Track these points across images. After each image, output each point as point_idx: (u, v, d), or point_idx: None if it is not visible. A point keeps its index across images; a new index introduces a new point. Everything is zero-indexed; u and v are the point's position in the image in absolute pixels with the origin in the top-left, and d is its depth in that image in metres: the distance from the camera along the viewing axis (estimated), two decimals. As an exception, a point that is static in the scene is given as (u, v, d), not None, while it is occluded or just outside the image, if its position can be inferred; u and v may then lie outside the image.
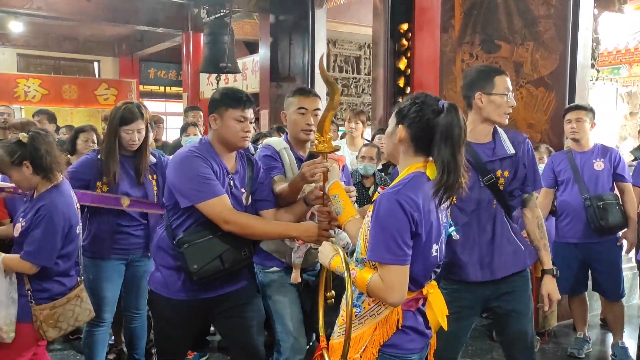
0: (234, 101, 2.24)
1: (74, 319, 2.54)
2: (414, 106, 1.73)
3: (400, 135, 1.75)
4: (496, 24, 4.82)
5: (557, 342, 4.10)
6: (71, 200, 2.51)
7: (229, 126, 2.24)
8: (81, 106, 12.63)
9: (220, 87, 2.41)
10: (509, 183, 2.40)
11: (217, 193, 2.16)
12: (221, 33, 7.70)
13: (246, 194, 2.33)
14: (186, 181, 2.18)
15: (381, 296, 1.66)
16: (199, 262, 2.15)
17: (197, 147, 2.28)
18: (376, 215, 1.66)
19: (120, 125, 2.86)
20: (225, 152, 2.30)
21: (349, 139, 4.89)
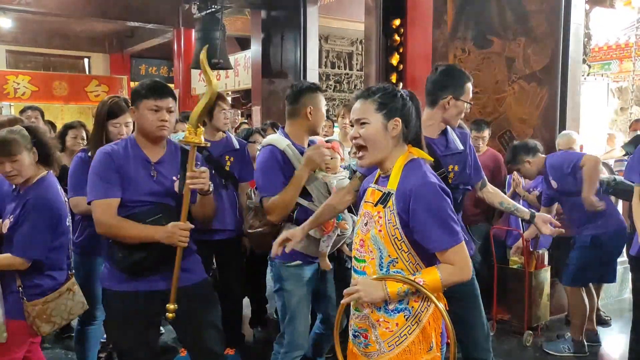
0: (148, 91, 2.26)
1: (67, 313, 2.52)
2: (401, 99, 1.79)
3: (397, 128, 1.77)
4: (488, 19, 4.82)
5: (549, 337, 4.12)
6: (59, 193, 2.49)
7: (144, 116, 2.25)
8: (71, 103, 12.55)
9: (142, 80, 2.42)
10: (456, 177, 2.55)
11: (102, 195, 2.19)
12: (213, 29, 7.65)
13: (179, 182, 2.30)
14: (89, 177, 2.25)
15: (457, 279, 1.71)
16: (124, 251, 2.18)
17: (118, 142, 2.35)
18: (426, 208, 1.67)
19: (107, 119, 2.86)
20: (147, 144, 2.31)
21: (342, 135, 4.87)
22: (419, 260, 1.74)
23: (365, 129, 1.77)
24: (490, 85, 4.82)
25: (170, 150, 2.40)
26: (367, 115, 1.78)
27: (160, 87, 2.30)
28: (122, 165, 2.24)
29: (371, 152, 1.79)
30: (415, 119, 1.82)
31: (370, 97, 1.79)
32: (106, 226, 2.19)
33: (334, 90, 9.94)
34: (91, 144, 2.88)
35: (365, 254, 1.78)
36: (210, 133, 3.52)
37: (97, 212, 2.19)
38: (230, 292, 3.64)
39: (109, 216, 2.18)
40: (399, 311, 1.73)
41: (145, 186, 2.25)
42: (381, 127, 1.76)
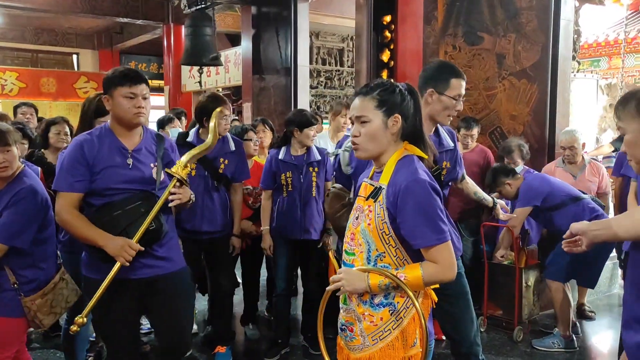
0: (121, 78, 2.26)
1: (65, 302, 2.53)
2: (400, 94, 1.78)
3: (397, 124, 1.77)
4: (479, 16, 4.82)
5: (540, 332, 4.14)
6: (38, 185, 2.47)
7: (120, 104, 2.26)
8: (60, 100, 12.44)
9: (113, 68, 2.44)
10: (447, 174, 2.60)
11: (63, 186, 2.23)
12: (203, 25, 7.59)
13: (156, 169, 2.34)
14: (58, 164, 2.33)
15: (440, 278, 1.71)
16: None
17: (92, 131, 2.37)
18: (414, 204, 1.67)
19: (95, 117, 2.83)
20: (123, 132, 2.32)
21: (333, 132, 4.83)
22: (407, 256, 1.75)
23: (366, 127, 1.77)
24: (480, 82, 4.83)
25: (147, 137, 2.41)
26: (367, 113, 1.77)
27: (134, 73, 2.30)
28: (96, 155, 2.25)
29: (366, 147, 1.79)
30: (413, 112, 1.81)
31: (369, 94, 1.78)
32: (62, 220, 2.24)
33: (324, 87, 9.92)
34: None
35: (355, 247, 1.79)
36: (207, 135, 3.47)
37: (59, 203, 2.25)
38: (219, 290, 3.63)
39: (65, 211, 2.22)
40: (384, 306, 1.74)
41: (121, 174, 2.26)
42: (381, 124, 1.76)
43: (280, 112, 7.28)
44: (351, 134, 1.84)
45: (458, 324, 2.55)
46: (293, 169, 3.58)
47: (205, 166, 3.41)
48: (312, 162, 3.62)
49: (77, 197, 2.24)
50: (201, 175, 3.40)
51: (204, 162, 3.39)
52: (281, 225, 3.61)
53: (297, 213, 3.58)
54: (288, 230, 3.60)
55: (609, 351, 3.96)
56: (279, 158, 3.58)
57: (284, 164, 3.58)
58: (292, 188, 3.57)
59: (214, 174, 3.43)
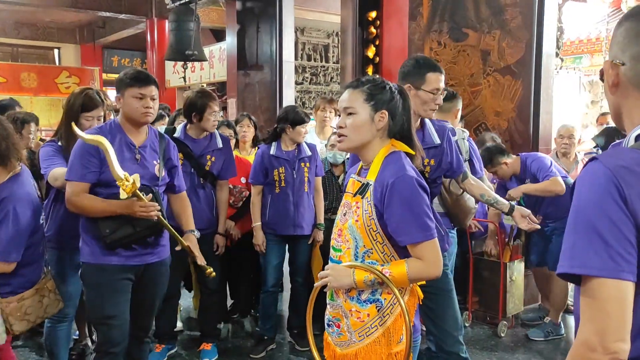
0: (132, 80, 2.46)
1: (43, 311, 2.47)
2: (390, 92, 1.79)
3: (384, 121, 1.77)
4: (463, 12, 4.84)
5: (524, 325, 4.18)
6: (32, 190, 2.43)
7: (129, 104, 2.46)
8: (41, 95, 12.23)
9: (125, 69, 2.60)
10: (433, 171, 2.55)
11: (74, 177, 2.40)
12: (187, 20, 7.53)
13: (158, 166, 2.56)
14: (72, 155, 2.46)
15: (425, 275, 1.72)
16: (111, 227, 2.39)
17: (102, 126, 2.57)
18: (400, 200, 1.67)
19: (81, 112, 2.83)
20: (132, 129, 2.53)
21: (318, 128, 4.84)
22: (394, 252, 1.75)
23: (352, 119, 1.78)
24: (465, 78, 4.85)
25: (151, 136, 2.61)
26: (355, 105, 1.78)
27: (144, 75, 2.50)
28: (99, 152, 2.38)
29: (350, 138, 1.79)
30: (402, 113, 1.81)
31: (359, 87, 1.80)
32: (75, 203, 2.41)
33: (310, 83, 9.91)
34: (63, 135, 2.83)
35: (342, 244, 1.79)
36: (196, 132, 3.45)
37: (69, 191, 2.41)
38: (206, 288, 3.60)
39: (76, 195, 2.40)
40: (371, 302, 1.74)
41: (130, 168, 2.42)
42: (368, 117, 1.77)
43: (266, 108, 7.25)
44: (337, 125, 1.84)
45: (439, 321, 2.55)
46: (285, 165, 3.56)
47: (191, 163, 3.38)
48: (303, 158, 3.62)
49: (86, 187, 2.42)
50: (187, 172, 3.36)
51: (190, 159, 3.36)
52: (273, 221, 3.58)
53: (290, 208, 3.56)
54: (280, 226, 3.58)
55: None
56: (270, 154, 3.56)
57: (277, 159, 3.56)
58: (285, 184, 3.56)
59: (200, 171, 3.40)
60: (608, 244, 0.93)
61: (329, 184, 3.95)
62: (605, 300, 0.93)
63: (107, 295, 2.47)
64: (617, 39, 1.10)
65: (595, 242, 0.94)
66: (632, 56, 1.05)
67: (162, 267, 2.64)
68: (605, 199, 0.94)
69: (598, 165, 0.98)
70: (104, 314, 2.49)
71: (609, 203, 0.94)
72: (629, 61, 1.05)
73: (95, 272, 2.46)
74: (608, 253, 0.92)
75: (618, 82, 1.08)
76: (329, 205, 3.90)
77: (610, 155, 1.01)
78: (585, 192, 0.98)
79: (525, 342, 3.92)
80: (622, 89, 1.07)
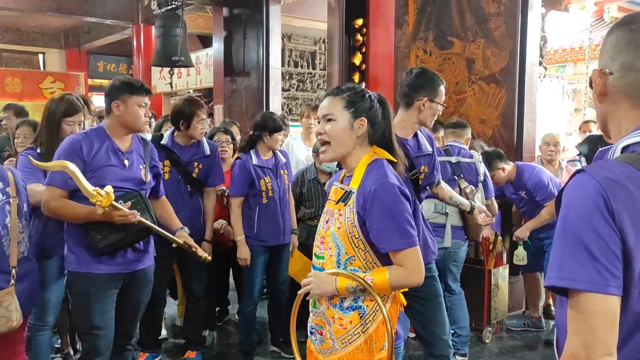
0: (138, 89, 2.51)
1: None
2: (369, 100, 1.81)
3: (363, 128, 1.79)
4: (449, 21, 4.88)
5: (509, 332, 4.21)
6: None
7: (134, 112, 2.50)
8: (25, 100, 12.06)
9: (118, 76, 2.67)
10: (426, 178, 2.66)
11: (56, 183, 2.39)
12: (173, 26, 7.49)
13: (144, 170, 2.59)
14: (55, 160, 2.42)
15: (407, 282, 1.73)
16: (102, 233, 2.38)
17: (87, 131, 2.57)
18: (382, 208, 1.68)
19: (63, 117, 2.85)
20: (120, 135, 2.55)
21: (304, 134, 4.85)
22: (376, 259, 1.75)
23: (331, 125, 1.79)
24: (451, 86, 4.89)
25: (136, 141, 2.64)
26: (334, 112, 1.79)
27: (146, 85, 2.59)
28: (94, 154, 2.43)
29: (334, 148, 1.81)
30: (382, 121, 1.82)
31: (339, 95, 1.81)
32: (53, 208, 2.40)
33: (296, 90, 9.93)
34: (44, 142, 2.81)
35: (325, 251, 1.79)
36: (184, 139, 3.43)
37: (47, 195, 2.41)
38: (191, 296, 3.57)
39: (56, 200, 2.39)
40: (353, 309, 1.75)
41: (118, 173, 2.47)
42: (347, 124, 1.78)
43: (252, 114, 7.25)
44: (316, 132, 1.86)
45: (429, 326, 2.58)
46: (270, 174, 3.53)
47: (178, 170, 3.36)
48: (281, 165, 3.61)
49: (66, 193, 2.40)
50: (174, 179, 3.34)
51: (177, 166, 3.35)
52: (263, 233, 3.51)
53: (279, 218, 3.54)
54: (271, 237, 3.53)
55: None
56: (254, 164, 3.49)
57: (261, 169, 3.51)
58: (272, 193, 3.52)
59: (188, 178, 3.38)
60: (595, 258, 0.93)
61: (315, 191, 3.95)
62: (592, 314, 0.94)
63: (95, 304, 2.46)
64: (606, 48, 1.09)
65: (583, 256, 0.94)
66: (622, 65, 1.05)
67: (147, 273, 2.65)
68: (594, 213, 0.94)
69: (587, 178, 0.97)
70: (92, 323, 2.47)
71: (597, 217, 0.94)
72: (617, 70, 1.05)
73: (83, 281, 2.45)
74: (595, 267, 0.93)
75: (606, 91, 1.08)
76: (314, 212, 3.90)
77: (599, 167, 1.00)
78: (574, 204, 0.97)
79: (510, 349, 3.95)
80: (610, 97, 1.08)
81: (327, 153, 1.82)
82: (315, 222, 3.84)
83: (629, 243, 0.93)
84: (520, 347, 3.96)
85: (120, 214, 2.35)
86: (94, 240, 2.39)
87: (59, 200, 2.40)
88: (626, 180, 0.96)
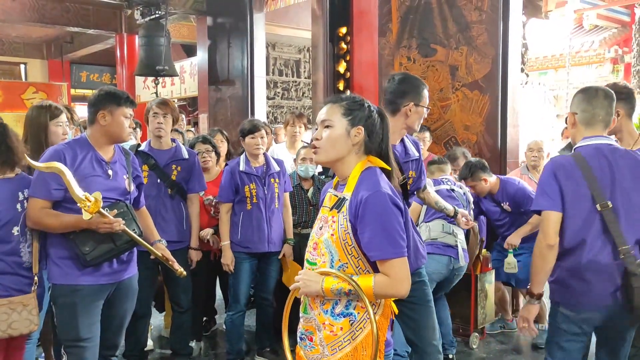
0: (124, 100, 2.53)
1: (7, 325, 2.36)
2: (368, 110, 1.83)
3: (359, 136, 1.80)
4: (432, 29, 4.93)
5: (496, 335, 4.23)
6: (5, 198, 2.38)
7: (120, 122, 2.51)
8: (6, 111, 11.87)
9: (103, 87, 2.69)
10: (413, 183, 2.70)
11: (39, 194, 2.38)
12: (157, 35, 7.48)
13: (128, 180, 2.61)
14: (36, 172, 2.42)
15: (391, 292, 1.72)
16: (90, 245, 2.38)
17: (69, 142, 2.55)
18: (372, 216, 1.68)
19: (50, 120, 2.92)
20: (104, 145, 2.55)
21: (289, 142, 4.86)
22: (369, 267, 1.76)
23: (328, 131, 1.80)
24: (435, 93, 4.93)
25: (118, 151, 2.65)
26: (332, 118, 1.80)
27: (131, 97, 2.60)
28: (78, 164, 2.42)
29: (326, 150, 1.80)
30: (379, 132, 1.83)
31: (338, 102, 1.83)
32: (37, 219, 2.38)
33: (281, 98, 9.93)
34: (30, 149, 2.78)
35: (317, 257, 1.79)
36: (155, 140, 3.43)
37: (32, 207, 2.39)
38: (177, 306, 3.54)
39: (39, 211, 2.38)
40: (344, 316, 1.74)
41: (103, 183, 2.47)
42: (344, 131, 1.79)
43: (237, 123, 7.22)
44: (313, 137, 1.86)
45: (419, 331, 2.59)
46: (256, 181, 3.53)
47: (157, 173, 3.34)
48: (272, 174, 3.59)
49: (50, 204, 2.40)
50: (154, 183, 3.33)
51: (155, 169, 3.34)
52: (246, 239, 3.52)
53: (263, 225, 3.53)
54: (254, 243, 3.53)
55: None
56: (240, 170, 3.52)
57: (247, 175, 3.52)
58: (257, 200, 3.51)
59: (167, 181, 3.37)
60: (547, 194, 2.28)
61: (298, 198, 3.94)
62: (549, 220, 2.26)
63: (81, 316, 2.44)
64: (574, 101, 2.39)
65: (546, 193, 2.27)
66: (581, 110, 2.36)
67: (132, 283, 2.66)
68: (549, 175, 2.28)
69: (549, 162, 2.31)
70: (78, 336, 2.45)
71: (551, 176, 2.27)
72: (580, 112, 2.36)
73: (69, 294, 2.43)
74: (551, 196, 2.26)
75: (574, 122, 2.38)
76: (298, 219, 3.89)
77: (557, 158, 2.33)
78: (543, 172, 2.33)
79: (497, 353, 3.96)
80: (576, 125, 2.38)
81: (320, 154, 1.82)
82: (300, 230, 3.84)
83: (563, 189, 2.24)
84: (507, 352, 3.98)
85: (106, 222, 2.34)
86: (82, 252, 2.38)
87: (41, 211, 2.38)
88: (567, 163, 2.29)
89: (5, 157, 2.40)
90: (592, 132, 2.32)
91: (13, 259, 2.42)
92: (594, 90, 2.35)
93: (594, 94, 2.33)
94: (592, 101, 2.31)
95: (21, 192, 2.44)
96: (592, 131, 2.32)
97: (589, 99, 2.32)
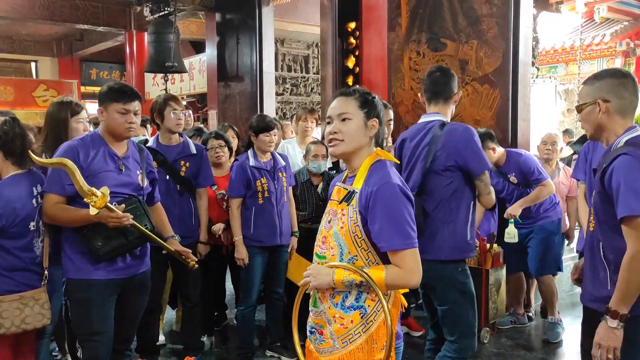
0: (117, 95, 2.49)
1: (21, 320, 2.39)
2: (379, 103, 1.86)
3: (375, 128, 1.82)
4: (441, 23, 4.90)
5: (506, 331, 4.21)
6: (25, 193, 2.41)
7: (113, 118, 2.49)
8: (18, 108, 12.02)
9: (108, 82, 2.68)
10: None
11: (54, 189, 2.40)
12: (166, 32, 7.51)
13: (141, 176, 2.61)
14: (52, 170, 2.43)
15: (403, 283, 1.72)
16: (103, 239, 2.40)
17: (83, 137, 2.56)
18: (383, 207, 1.69)
19: (71, 116, 2.89)
20: (114, 141, 2.55)
21: (300, 137, 4.85)
22: (379, 259, 1.76)
23: (348, 124, 1.80)
24: (444, 87, 4.90)
25: (132, 147, 2.65)
26: (350, 111, 1.81)
27: (129, 90, 2.53)
28: (90, 160, 2.43)
29: (348, 142, 1.80)
30: (382, 125, 1.86)
31: (351, 95, 1.83)
32: (51, 214, 2.41)
33: (290, 94, 9.92)
34: (48, 146, 2.81)
35: (327, 251, 1.80)
36: (165, 136, 3.44)
37: (48, 203, 2.42)
38: (187, 301, 3.56)
39: (53, 206, 2.41)
40: (355, 309, 1.75)
41: (115, 178, 2.48)
42: (362, 123, 1.80)
43: (246, 119, 7.24)
44: (330, 131, 1.83)
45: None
46: (267, 175, 3.55)
47: (166, 169, 3.35)
48: (280, 168, 3.62)
49: (64, 200, 2.42)
50: (162, 179, 3.34)
51: (164, 166, 3.35)
52: (260, 232, 3.53)
53: (276, 218, 3.55)
54: (267, 237, 3.54)
55: (574, 349, 4.06)
56: (250, 165, 3.53)
57: (258, 170, 3.54)
58: (268, 194, 3.54)
59: (176, 177, 3.38)
60: None
61: (308, 193, 3.95)
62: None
63: (95, 310, 2.47)
64: (603, 86, 1.99)
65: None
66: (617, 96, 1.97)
67: (145, 278, 2.67)
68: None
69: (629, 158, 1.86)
70: (93, 330, 2.48)
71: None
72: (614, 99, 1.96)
73: (83, 288, 2.46)
74: None
75: (607, 111, 1.96)
76: (308, 215, 3.91)
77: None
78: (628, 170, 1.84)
79: (508, 348, 3.95)
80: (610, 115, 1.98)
81: (339, 146, 1.80)
82: (309, 225, 3.85)
83: None
84: (518, 347, 3.96)
85: (114, 216, 2.35)
86: (95, 247, 2.40)
87: (56, 206, 2.41)
88: None
89: (21, 150, 2.43)
90: (627, 122, 1.97)
91: (28, 255, 2.45)
92: (626, 74, 2.00)
93: (631, 80, 1.98)
94: (629, 87, 1.96)
95: (35, 187, 2.47)
96: (628, 121, 1.97)
97: (625, 85, 1.95)
